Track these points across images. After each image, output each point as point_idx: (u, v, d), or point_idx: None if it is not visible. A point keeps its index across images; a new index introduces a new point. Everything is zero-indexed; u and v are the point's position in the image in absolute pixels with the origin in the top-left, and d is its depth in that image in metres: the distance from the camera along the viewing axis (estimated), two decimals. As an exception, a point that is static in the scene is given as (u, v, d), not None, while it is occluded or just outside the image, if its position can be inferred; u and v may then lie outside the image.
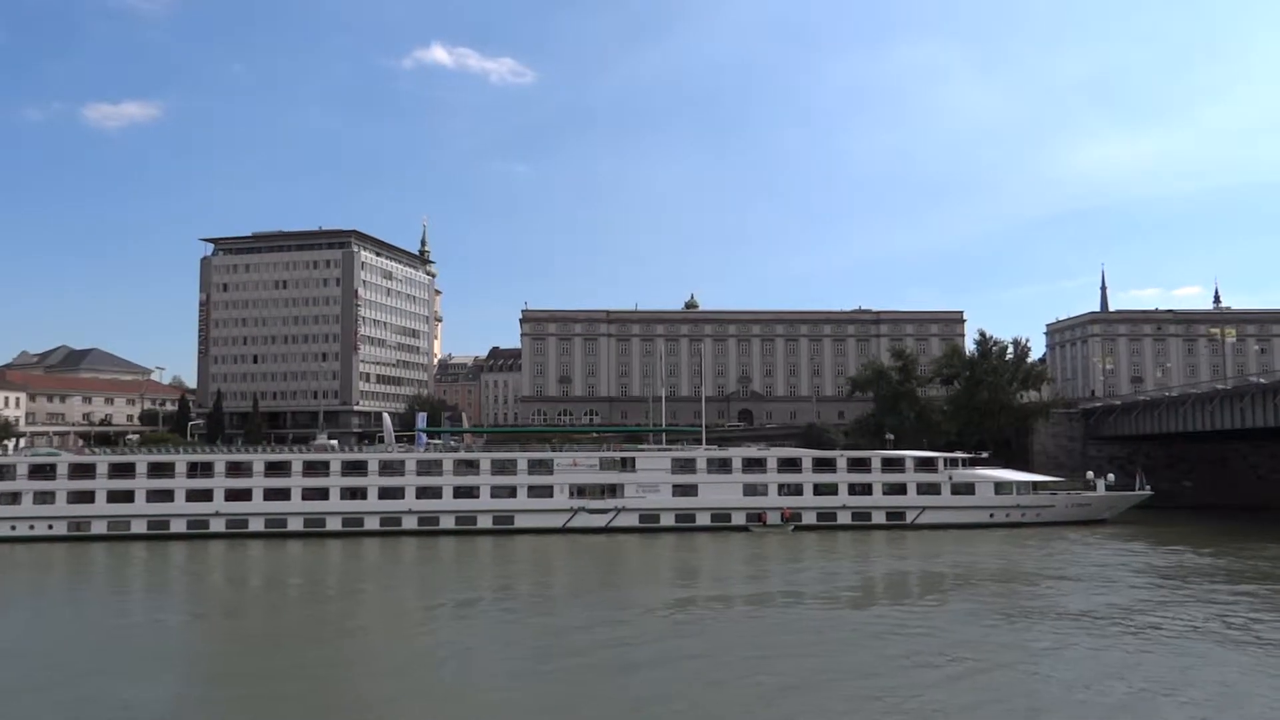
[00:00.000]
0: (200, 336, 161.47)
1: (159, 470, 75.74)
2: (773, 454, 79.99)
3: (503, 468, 77.46)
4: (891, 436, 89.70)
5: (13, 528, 72.83)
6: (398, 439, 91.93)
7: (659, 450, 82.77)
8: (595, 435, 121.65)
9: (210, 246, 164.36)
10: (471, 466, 77.71)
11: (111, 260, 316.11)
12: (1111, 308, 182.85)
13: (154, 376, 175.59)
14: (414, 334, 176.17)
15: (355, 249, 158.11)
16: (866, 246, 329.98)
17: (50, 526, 73.12)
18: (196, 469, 75.76)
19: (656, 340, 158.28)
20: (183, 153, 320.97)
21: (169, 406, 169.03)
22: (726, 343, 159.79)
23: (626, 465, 78.06)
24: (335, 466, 76.84)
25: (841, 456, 79.64)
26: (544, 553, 65.63)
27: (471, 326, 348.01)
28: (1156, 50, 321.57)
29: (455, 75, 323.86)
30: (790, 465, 78.47)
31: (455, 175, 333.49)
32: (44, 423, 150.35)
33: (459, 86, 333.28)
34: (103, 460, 76.55)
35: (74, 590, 55.71)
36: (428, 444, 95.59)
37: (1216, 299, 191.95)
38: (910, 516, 76.91)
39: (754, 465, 78.33)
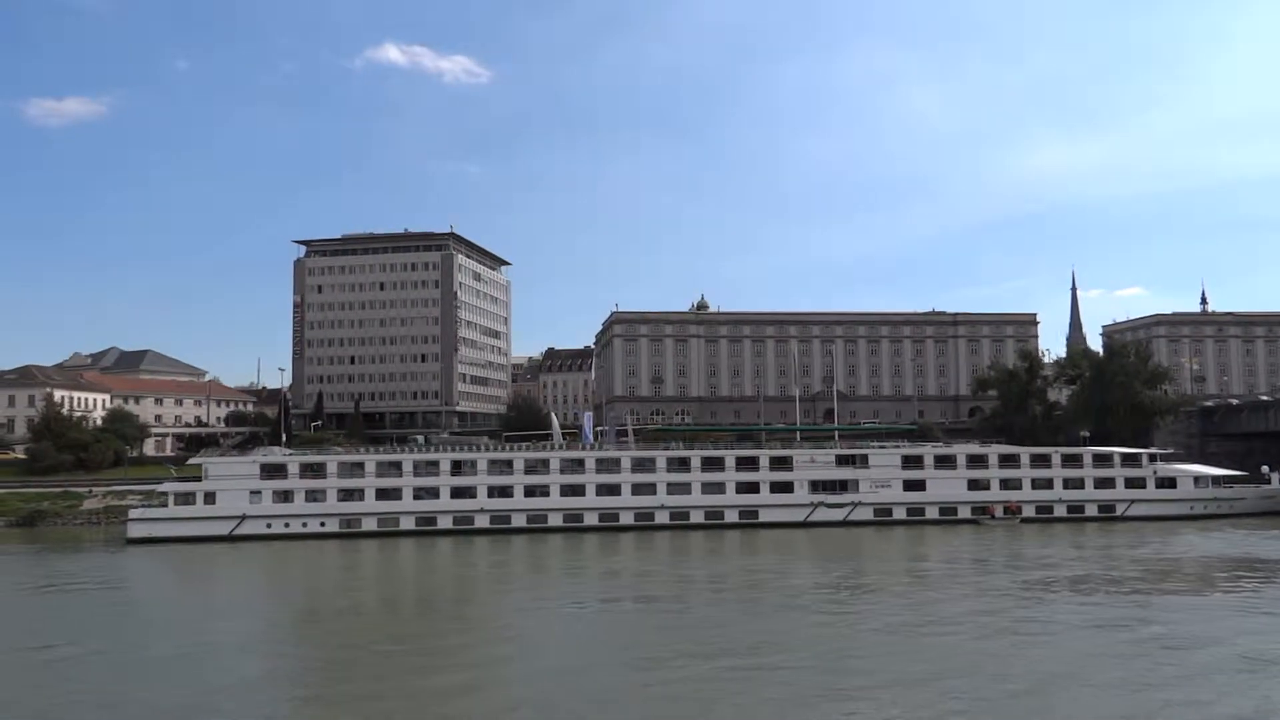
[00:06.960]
0: (295, 338, 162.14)
1: (425, 468, 78.47)
2: (993, 450, 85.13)
3: (746, 465, 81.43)
4: (1087, 434, 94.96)
5: (286, 525, 75.25)
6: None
7: (881, 447, 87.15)
8: (713, 435, 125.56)
9: (302, 249, 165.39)
10: (716, 464, 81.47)
11: (96, 256, 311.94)
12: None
13: (256, 379, 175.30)
14: (496, 335, 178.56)
15: (452, 251, 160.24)
16: (822, 248, 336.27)
17: (323, 524, 75.61)
18: (460, 466, 78.68)
19: (744, 341, 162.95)
20: (134, 149, 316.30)
21: (243, 407, 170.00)
22: (811, 344, 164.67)
23: (859, 462, 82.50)
24: (590, 464, 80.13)
25: (1056, 453, 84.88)
26: (826, 544, 69.30)
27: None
28: (1104, 58, 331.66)
29: (408, 74, 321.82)
30: (1009, 461, 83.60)
31: (405, 175, 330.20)
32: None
33: (412, 85, 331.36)
34: (370, 459, 79.08)
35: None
36: (592, 443, 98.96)
37: (1203, 300, 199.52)
38: (1120, 509, 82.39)
39: (977, 461, 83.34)
